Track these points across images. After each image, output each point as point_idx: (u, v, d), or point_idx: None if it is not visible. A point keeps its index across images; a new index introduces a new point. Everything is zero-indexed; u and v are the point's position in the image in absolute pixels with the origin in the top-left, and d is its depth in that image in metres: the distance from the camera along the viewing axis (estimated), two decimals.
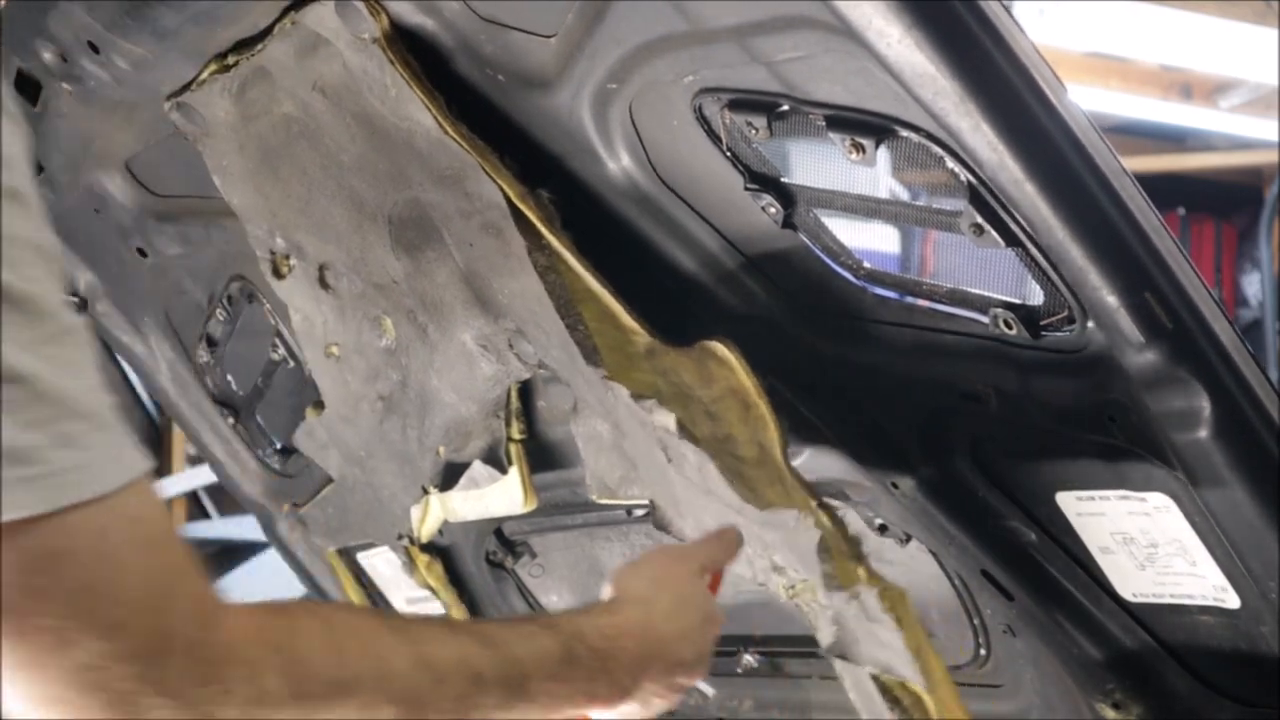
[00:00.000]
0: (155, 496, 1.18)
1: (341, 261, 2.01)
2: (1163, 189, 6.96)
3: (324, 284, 2.06)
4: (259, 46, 1.82)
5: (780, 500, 1.64)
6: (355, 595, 2.83)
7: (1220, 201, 7.34)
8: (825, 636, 1.63)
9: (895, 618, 1.56)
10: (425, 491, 2.27)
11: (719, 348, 1.69)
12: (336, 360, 2.16)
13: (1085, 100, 6.18)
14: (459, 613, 2.66)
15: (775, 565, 1.66)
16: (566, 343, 1.74)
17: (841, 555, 1.59)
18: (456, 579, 2.67)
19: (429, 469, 2.21)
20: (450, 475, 2.22)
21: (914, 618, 1.58)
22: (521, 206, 1.72)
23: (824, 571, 1.59)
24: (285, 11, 1.76)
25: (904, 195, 1.78)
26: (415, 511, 2.33)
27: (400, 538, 2.46)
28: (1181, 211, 7.29)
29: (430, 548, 2.59)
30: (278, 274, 2.10)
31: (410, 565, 2.59)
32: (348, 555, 2.76)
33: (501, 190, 1.71)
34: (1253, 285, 7.23)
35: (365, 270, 1.99)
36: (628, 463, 1.87)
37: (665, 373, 1.72)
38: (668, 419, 1.65)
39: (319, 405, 2.30)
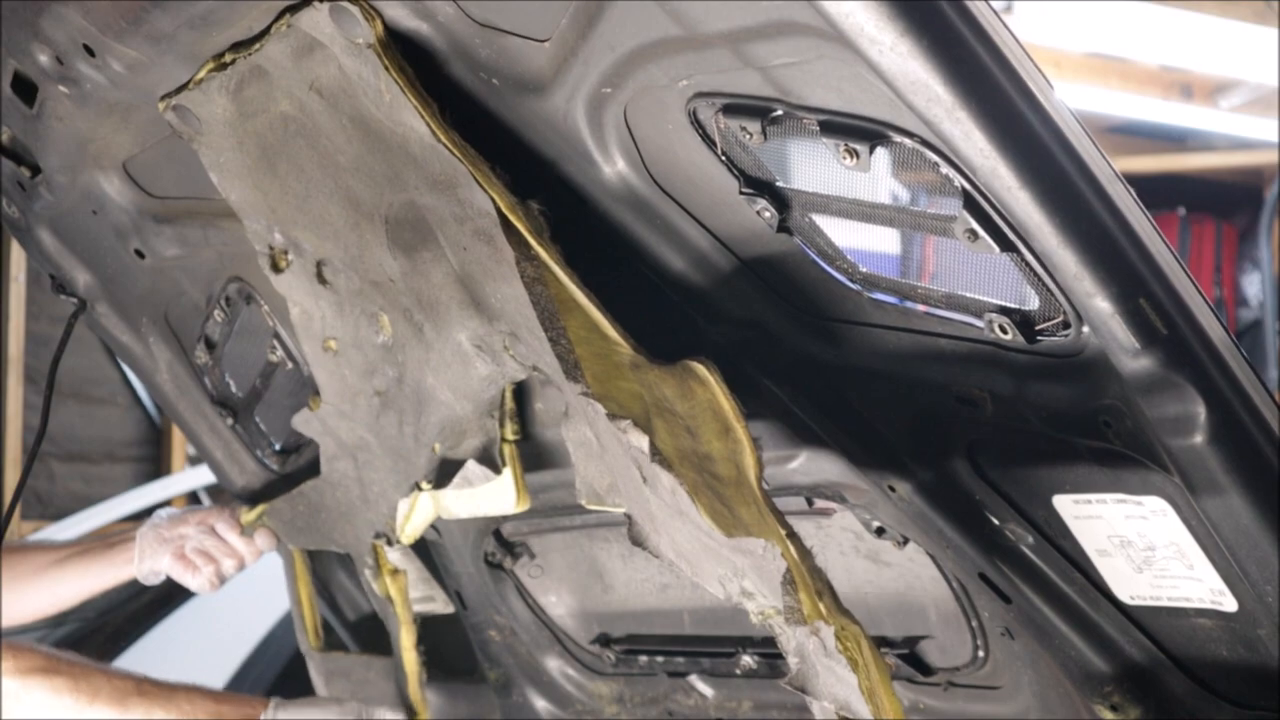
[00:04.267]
0: None
1: (339, 258, 2.01)
2: (1163, 189, 6.98)
3: (322, 279, 2.06)
4: (256, 46, 1.81)
5: (754, 522, 1.64)
6: (305, 592, 2.83)
7: (1220, 201, 7.34)
8: (790, 666, 1.63)
9: (849, 659, 1.55)
10: (418, 487, 2.26)
11: (699, 368, 1.67)
12: (334, 354, 2.15)
13: (1085, 100, 6.20)
14: (408, 634, 2.63)
15: (745, 590, 1.65)
16: (551, 354, 1.74)
17: (806, 589, 1.58)
18: (455, 579, 2.68)
19: (424, 465, 2.21)
20: (445, 472, 2.22)
21: (870, 659, 1.57)
22: (511, 217, 1.71)
23: (787, 604, 1.58)
24: (281, 14, 1.76)
25: (899, 199, 1.77)
26: (403, 505, 2.31)
27: (378, 536, 2.44)
28: (1182, 211, 7.29)
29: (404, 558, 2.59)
30: (276, 268, 2.10)
31: (375, 570, 2.56)
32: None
33: (492, 200, 1.71)
34: (1253, 285, 7.23)
35: (362, 267, 1.99)
36: (613, 473, 1.87)
37: (649, 385, 1.71)
38: (641, 440, 1.64)
39: (318, 397, 2.30)
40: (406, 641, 2.67)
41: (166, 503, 6.94)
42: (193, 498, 7.05)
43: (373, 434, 2.24)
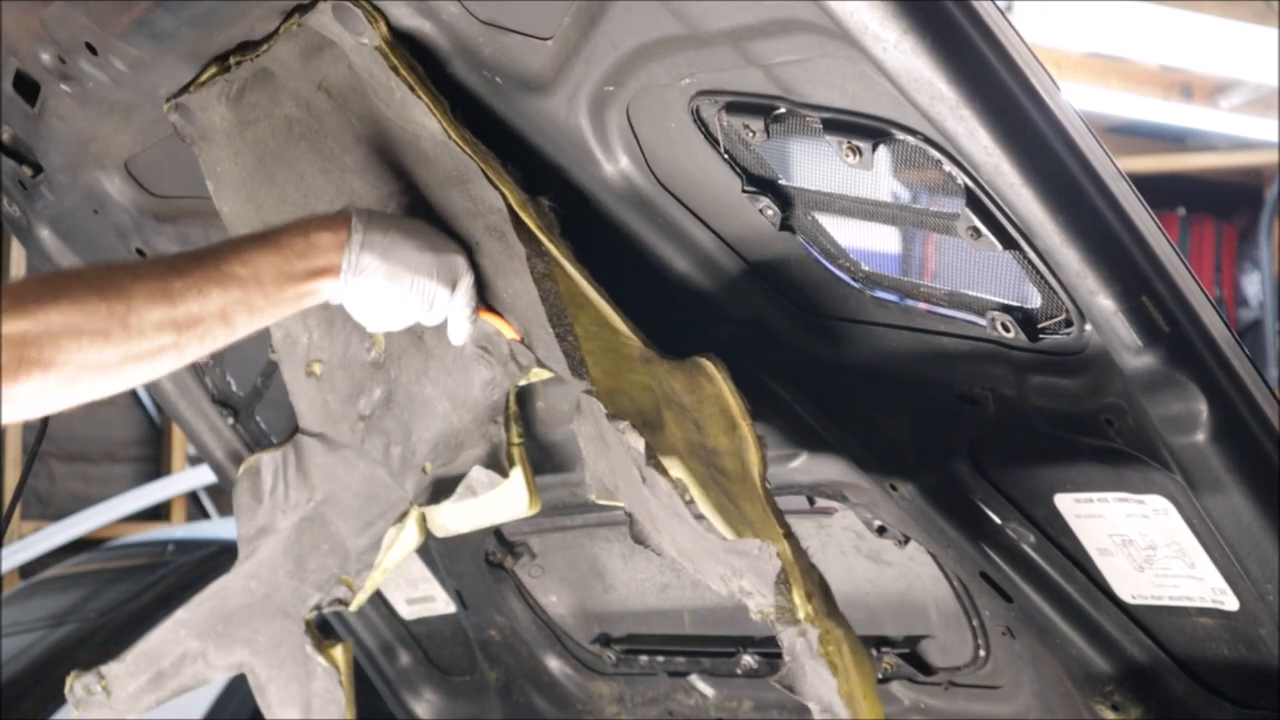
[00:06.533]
0: None
1: None
2: (1163, 189, 6.99)
3: None
4: (264, 47, 1.82)
5: (759, 518, 1.64)
6: None
7: (1220, 201, 7.36)
8: (784, 664, 1.63)
9: (830, 663, 1.55)
10: (401, 517, 2.19)
11: (707, 365, 1.69)
12: (317, 380, 2.12)
13: (1085, 100, 6.20)
14: (351, 715, 2.31)
15: (743, 589, 1.66)
16: (558, 350, 1.74)
17: (798, 589, 1.58)
18: (455, 578, 2.68)
19: (411, 489, 2.14)
20: (439, 491, 2.18)
21: (851, 664, 1.57)
22: (522, 214, 1.72)
23: (778, 604, 1.59)
24: (290, 15, 1.77)
25: (902, 197, 1.78)
26: (390, 534, 2.17)
27: (315, 609, 2.24)
28: (1181, 211, 7.30)
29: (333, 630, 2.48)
30: None
31: (316, 644, 2.27)
32: None
33: (503, 196, 1.72)
34: (1253, 285, 7.25)
35: None
36: (615, 471, 1.87)
37: (659, 379, 1.72)
38: (638, 442, 1.65)
39: (276, 446, 2.24)
40: None
41: (166, 503, 6.95)
42: (193, 498, 7.06)
43: (345, 476, 2.17)
